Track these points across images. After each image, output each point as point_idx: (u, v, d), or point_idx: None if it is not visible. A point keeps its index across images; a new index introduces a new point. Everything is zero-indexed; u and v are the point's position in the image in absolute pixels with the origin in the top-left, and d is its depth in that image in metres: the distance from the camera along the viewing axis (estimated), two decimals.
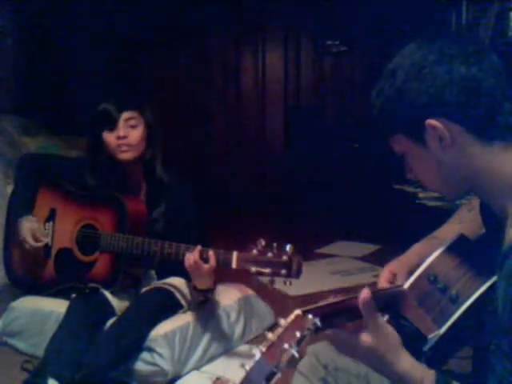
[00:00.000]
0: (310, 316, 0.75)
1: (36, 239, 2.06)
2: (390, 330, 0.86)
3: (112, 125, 1.98)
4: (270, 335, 0.74)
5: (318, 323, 0.75)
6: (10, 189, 2.41)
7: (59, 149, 3.71)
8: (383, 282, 1.11)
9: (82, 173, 2.11)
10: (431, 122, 0.85)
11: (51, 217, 2.15)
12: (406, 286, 0.99)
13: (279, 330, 0.75)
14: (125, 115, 1.99)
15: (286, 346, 0.72)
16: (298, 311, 0.76)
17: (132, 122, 2.00)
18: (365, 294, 0.83)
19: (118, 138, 1.98)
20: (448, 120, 0.84)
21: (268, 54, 5.80)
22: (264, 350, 0.73)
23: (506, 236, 0.83)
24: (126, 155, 2.00)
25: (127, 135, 1.98)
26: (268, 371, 0.72)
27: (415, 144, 0.89)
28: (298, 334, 0.73)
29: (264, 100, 5.86)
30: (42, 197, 2.17)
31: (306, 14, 5.60)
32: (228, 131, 5.87)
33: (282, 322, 0.76)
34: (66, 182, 2.17)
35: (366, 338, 0.84)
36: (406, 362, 0.85)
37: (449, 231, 1.13)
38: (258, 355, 0.73)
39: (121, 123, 1.98)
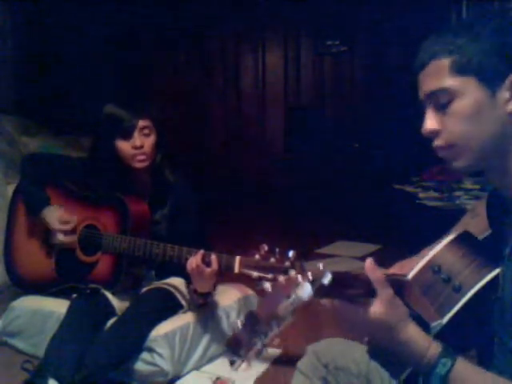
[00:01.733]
0: (322, 266, 0.78)
1: (64, 222, 2.05)
2: (398, 300, 0.88)
3: (127, 133, 1.94)
4: (281, 277, 0.77)
5: (330, 277, 0.77)
6: (10, 189, 2.40)
7: (59, 149, 3.71)
8: None
9: (85, 173, 2.11)
10: None
11: None
12: (410, 275, 0.99)
13: (293, 271, 0.77)
14: (140, 124, 1.95)
15: (299, 278, 0.74)
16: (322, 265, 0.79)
17: (146, 131, 1.96)
18: (368, 262, 0.86)
19: (134, 147, 1.95)
20: None
21: (268, 54, 5.81)
22: (277, 282, 0.76)
23: None
24: (142, 164, 1.98)
25: (143, 144, 1.95)
26: (279, 300, 0.75)
27: (483, 90, 0.86)
28: (310, 275, 0.76)
29: (264, 100, 5.87)
30: None
31: (305, 14, 5.60)
32: (228, 131, 5.87)
33: (293, 272, 0.78)
34: (69, 181, 2.17)
35: (377, 307, 0.85)
36: (414, 330, 0.86)
37: None
38: (269, 288, 0.76)
39: (136, 132, 1.94)
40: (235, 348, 0.82)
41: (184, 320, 2.06)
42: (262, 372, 2.04)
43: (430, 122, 0.91)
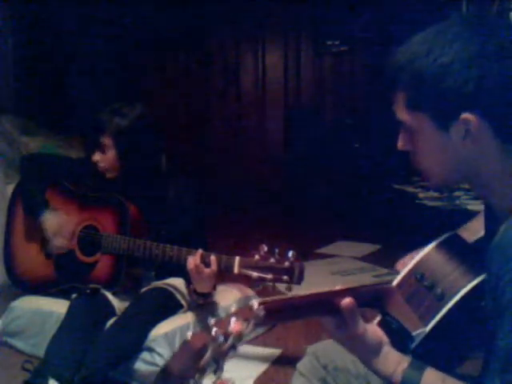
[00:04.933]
0: (256, 305, 0.78)
1: (60, 234, 2.06)
2: (369, 332, 0.89)
3: (93, 147, 2.01)
4: (212, 321, 0.77)
5: (262, 314, 0.77)
6: (10, 189, 2.40)
7: (59, 149, 3.71)
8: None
9: (84, 173, 2.11)
10: (468, 116, 0.81)
11: None
12: (395, 283, 0.99)
13: (221, 318, 0.77)
14: (101, 140, 1.99)
15: (214, 328, 0.75)
16: (256, 304, 0.78)
17: (105, 148, 2.00)
18: (348, 301, 0.86)
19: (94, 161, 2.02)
20: (481, 116, 0.81)
21: (268, 54, 5.81)
22: (193, 333, 0.76)
23: (498, 233, 0.84)
24: (107, 175, 2.04)
25: (98, 160, 2.00)
26: (194, 354, 0.75)
27: (436, 128, 0.85)
28: (232, 319, 0.76)
29: (264, 100, 5.86)
30: None
31: (305, 14, 5.60)
32: (228, 131, 5.87)
33: (232, 309, 0.78)
34: (68, 182, 2.17)
35: (342, 334, 0.88)
36: (384, 365, 0.89)
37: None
38: (187, 337, 0.77)
39: (97, 148, 2.00)
40: None
41: (184, 320, 2.06)
42: (262, 372, 2.04)
43: (401, 143, 0.93)
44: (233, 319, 0.75)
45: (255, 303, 0.77)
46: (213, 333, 0.74)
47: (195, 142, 5.78)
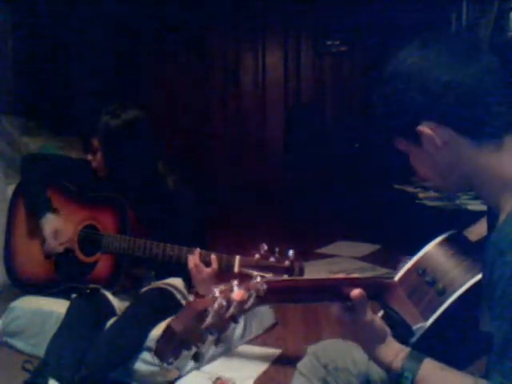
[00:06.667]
0: (259, 279, 0.80)
1: (57, 237, 2.07)
2: (377, 320, 0.91)
3: (88, 147, 2.11)
4: (215, 288, 0.79)
5: (263, 289, 0.79)
6: (10, 189, 2.40)
7: (59, 149, 3.71)
8: None
9: (83, 173, 2.12)
10: (421, 128, 0.88)
11: None
12: (397, 277, 1.00)
13: (225, 286, 0.79)
14: (92, 141, 2.05)
15: (216, 293, 0.77)
16: (259, 278, 0.81)
17: (95, 148, 2.06)
18: (358, 292, 0.89)
19: None
20: (439, 124, 0.87)
21: (268, 54, 5.81)
22: (196, 296, 0.78)
23: (496, 227, 0.84)
24: (99, 174, 2.09)
25: (92, 160, 2.08)
26: (196, 315, 0.77)
27: (413, 145, 0.92)
28: (234, 287, 0.78)
29: (264, 100, 5.87)
30: None
31: (305, 14, 5.60)
32: (228, 131, 5.87)
33: (235, 282, 0.80)
34: (68, 182, 2.17)
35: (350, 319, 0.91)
36: (386, 352, 0.91)
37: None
38: (190, 299, 0.80)
39: (89, 148, 2.08)
40: (162, 356, 0.84)
41: None
42: (262, 372, 2.04)
43: (414, 170, 0.99)
44: (235, 287, 0.77)
45: (258, 278, 0.79)
46: (215, 295, 0.75)
47: (195, 142, 5.78)
